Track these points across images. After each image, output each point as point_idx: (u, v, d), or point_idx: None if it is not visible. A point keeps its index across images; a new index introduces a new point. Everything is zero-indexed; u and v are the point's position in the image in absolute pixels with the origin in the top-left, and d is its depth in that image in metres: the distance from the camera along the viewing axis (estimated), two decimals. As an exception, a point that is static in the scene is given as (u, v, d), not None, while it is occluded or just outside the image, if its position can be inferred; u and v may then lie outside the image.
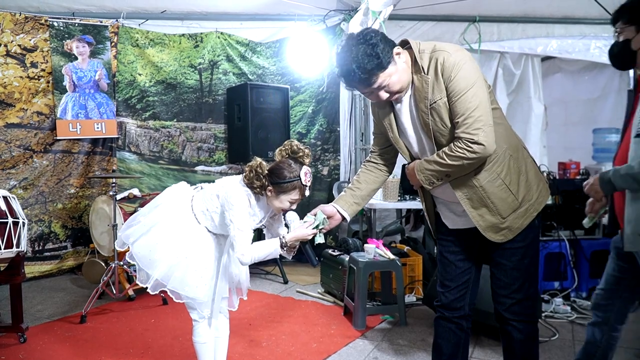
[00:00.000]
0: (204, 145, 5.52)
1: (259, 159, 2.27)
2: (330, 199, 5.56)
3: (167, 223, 2.35)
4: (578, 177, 4.48)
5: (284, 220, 2.33)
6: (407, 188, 4.28)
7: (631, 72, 6.21)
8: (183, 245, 2.31)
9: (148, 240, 2.33)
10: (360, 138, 5.43)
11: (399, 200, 4.23)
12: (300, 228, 2.21)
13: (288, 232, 2.25)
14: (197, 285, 2.31)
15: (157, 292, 2.34)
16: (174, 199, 2.41)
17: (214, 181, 2.44)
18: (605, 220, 3.34)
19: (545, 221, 4.28)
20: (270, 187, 2.24)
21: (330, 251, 4.43)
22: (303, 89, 5.61)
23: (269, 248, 2.22)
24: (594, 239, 4.30)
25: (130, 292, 4.16)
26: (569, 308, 3.90)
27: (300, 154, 2.25)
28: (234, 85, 5.42)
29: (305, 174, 2.24)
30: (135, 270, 4.20)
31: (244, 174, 2.27)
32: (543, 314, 3.73)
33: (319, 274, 4.55)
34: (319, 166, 5.68)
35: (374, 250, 3.74)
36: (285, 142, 2.30)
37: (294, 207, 2.30)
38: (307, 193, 2.28)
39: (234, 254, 2.24)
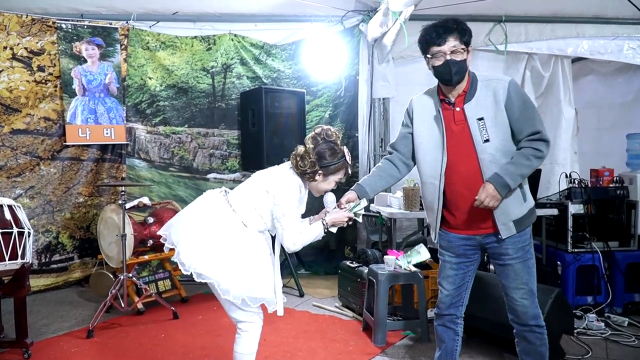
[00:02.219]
0: (217, 152, 5.54)
1: (301, 146, 2.46)
2: (347, 208, 5.53)
3: (219, 238, 2.38)
4: (611, 185, 4.40)
5: (326, 201, 2.56)
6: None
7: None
8: (241, 256, 2.37)
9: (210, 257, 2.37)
10: (380, 144, 5.41)
11: (420, 209, 4.18)
12: (338, 211, 2.52)
13: (326, 215, 2.52)
14: (265, 285, 2.40)
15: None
16: (213, 212, 2.44)
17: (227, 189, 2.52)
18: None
19: (578, 232, 4.21)
20: (320, 171, 2.44)
21: (348, 263, 4.40)
22: (320, 93, 5.61)
23: (315, 232, 2.46)
24: (629, 251, 4.22)
25: (140, 306, 4.16)
26: (602, 324, 3.83)
27: (334, 137, 2.48)
28: (247, 89, 5.43)
29: (348, 153, 2.51)
30: (144, 283, 4.22)
31: (293, 163, 2.45)
32: (575, 331, 3.65)
33: (336, 287, 4.52)
34: (336, 174, 5.66)
35: (395, 262, 3.70)
36: (316, 128, 2.50)
37: (335, 186, 2.55)
38: (349, 172, 2.56)
39: (284, 243, 2.40)
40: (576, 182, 4.31)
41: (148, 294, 4.16)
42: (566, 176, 4.42)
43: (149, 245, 4.43)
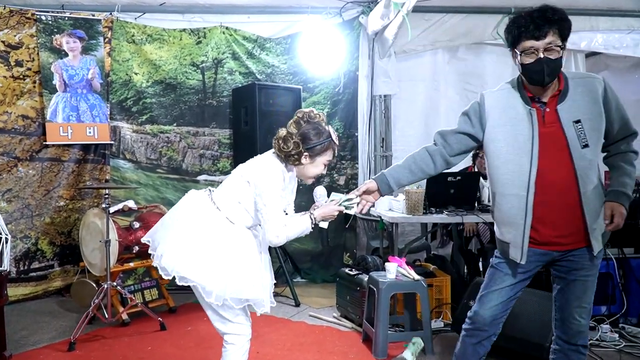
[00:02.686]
0: (207, 152, 5.55)
1: (283, 129, 2.46)
2: (346, 212, 5.54)
3: (204, 238, 2.39)
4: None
5: (316, 195, 2.60)
6: (432, 200, 4.26)
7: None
8: (224, 254, 2.37)
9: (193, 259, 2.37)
10: (381, 144, 5.43)
11: (424, 213, 4.20)
12: (328, 205, 2.51)
13: (315, 209, 2.50)
14: (250, 285, 2.38)
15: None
16: (196, 212, 2.45)
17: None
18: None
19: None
20: (305, 153, 2.42)
21: (347, 270, 4.42)
22: (317, 90, 5.63)
23: (301, 226, 2.42)
24: (646, 258, 4.24)
25: (124, 317, 4.17)
26: (617, 335, 3.86)
27: (318, 118, 2.47)
28: (240, 85, 5.45)
29: (334, 133, 2.49)
30: (129, 292, 4.23)
31: (276, 147, 2.45)
32: (589, 342, 3.67)
33: (334, 296, 4.54)
34: (335, 175, 5.68)
35: (396, 269, 3.72)
36: (298, 112, 2.49)
37: (325, 171, 2.56)
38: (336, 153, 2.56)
39: (267, 237, 2.37)
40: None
41: (133, 304, 4.16)
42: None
43: (134, 251, 4.44)
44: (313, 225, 2.45)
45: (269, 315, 4.41)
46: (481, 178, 4.68)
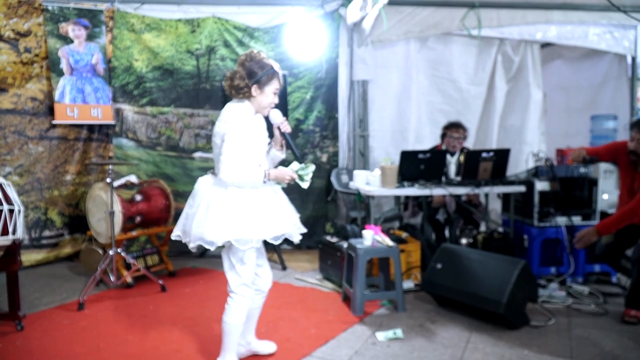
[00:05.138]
0: (202, 132, 5.48)
1: (230, 70, 2.56)
2: (329, 186, 5.54)
3: (206, 205, 2.49)
4: (575, 164, 4.46)
5: (271, 119, 2.62)
6: (405, 175, 4.27)
7: (629, 58, 6.21)
8: (224, 207, 2.46)
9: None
10: (359, 125, 5.41)
11: (397, 187, 4.21)
12: (284, 169, 2.56)
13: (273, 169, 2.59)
14: (250, 226, 2.44)
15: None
16: (206, 191, 2.53)
17: (212, 167, 2.57)
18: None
19: (543, 207, 4.29)
20: (254, 85, 2.49)
21: (328, 238, 4.43)
22: (301, 75, 5.56)
23: (254, 176, 2.46)
24: (590, 225, 4.30)
25: (129, 279, 4.15)
26: (564, 293, 3.92)
27: (259, 56, 2.54)
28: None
29: (276, 64, 2.57)
30: (133, 258, 4.20)
31: (227, 88, 2.54)
32: (540, 299, 3.74)
33: (317, 261, 4.56)
34: (318, 153, 5.65)
35: (372, 236, 3.73)
36: (241, 55, 2.57)
37: (276, 100, 2.60)
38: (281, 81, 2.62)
39: (220, 174, 2.42)
40: (543, 161, 4.37)
41: (136, 268, 4.14)
42: (533, 155, 4.47)
43: (136, 221, 4.40)
44: (265, 181, 2.49)
45: (259, 277, 4.44)
46: (448, 155, 4.70)
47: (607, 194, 5.85)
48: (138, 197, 4.45)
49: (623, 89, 6.15)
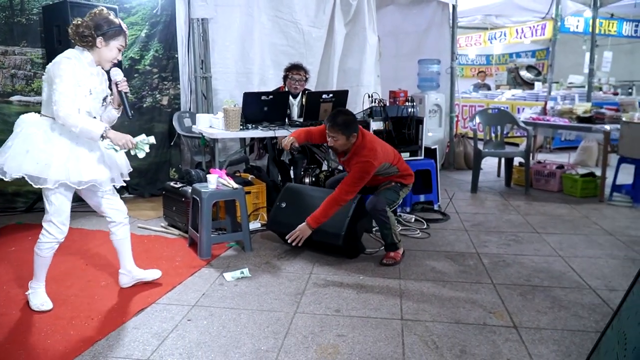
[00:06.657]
0: (19, 72, 4.79)
1: (78, 18, 2.59)
2: (171, 129, 5.30)
3: (26, 141, 2.52)
4: (405, 105, 4.80)
5: (112, 74, 2.70)
6: (248, 117, 4.23)
7: (450, 7, 6.74)
8: (38, 142, 2.53)
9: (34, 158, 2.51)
10: (201, 66, 5.17)
11: (241, 129, 4.17)
12: (123, 135, 2.61)
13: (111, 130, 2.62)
14: (57, 167, 2.50)
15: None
16: (24, 127, 2.57)
17: (37, 112, 2.61)
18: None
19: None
20: (99, 38, 2.56)
21: (172, 184, 4.28)
22: (134, 10, 5.09)
23: (93, 126, 2.52)
24: (417, 160, 4.74)
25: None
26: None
27: (109, 16, 2.61)
28: (50, 3, 4.70)
29: (123, 24, 2.67)
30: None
31: (72, 34, 2.55)
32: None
33: (162, 208, 4.39)
34: (158, 96, 5.33)
35: (217, 180, 3.68)
36: (90, 12, 2.61)
37: (120, 56, 2.70)
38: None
39: (57, 117, 2.47)
40: (377, 102, 4.63)
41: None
42: (369, 97, 4.71)
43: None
44: (102, 137, 2.54)
45: (97, 230, 4.15)
46: (290, 97, 4.74)
47: (432, 132, 6.46)
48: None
49: (445, 36, 6.70)
